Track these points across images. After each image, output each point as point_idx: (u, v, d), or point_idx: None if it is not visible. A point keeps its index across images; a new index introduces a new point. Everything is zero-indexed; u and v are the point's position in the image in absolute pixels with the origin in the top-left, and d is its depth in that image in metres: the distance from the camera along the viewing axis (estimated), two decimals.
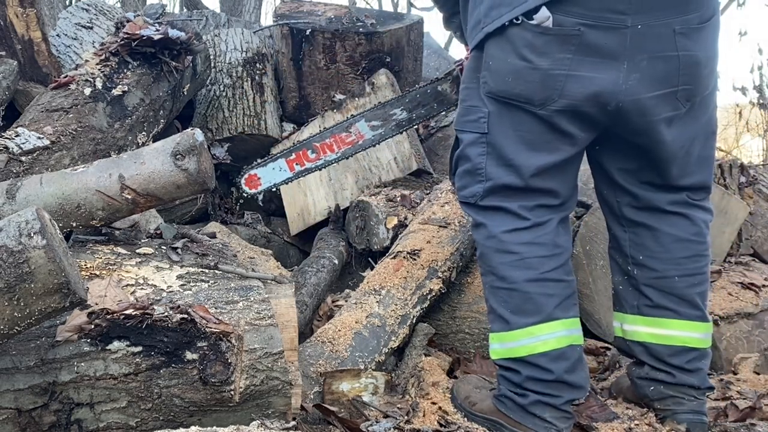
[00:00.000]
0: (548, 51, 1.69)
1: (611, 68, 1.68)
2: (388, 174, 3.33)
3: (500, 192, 1.81)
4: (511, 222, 1.80)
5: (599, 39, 1.67)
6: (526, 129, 1.77)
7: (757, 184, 3.43)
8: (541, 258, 1.78)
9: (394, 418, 1.81)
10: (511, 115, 1.77)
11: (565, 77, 1.69)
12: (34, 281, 1.27)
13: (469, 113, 1.86)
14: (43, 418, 1.46)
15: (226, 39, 4.03)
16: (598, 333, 2.49)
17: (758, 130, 7.63)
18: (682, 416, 1.86)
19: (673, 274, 1.88)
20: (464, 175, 1.87)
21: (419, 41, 3.98)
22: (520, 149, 1.78)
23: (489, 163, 1.81)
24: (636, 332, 1.93)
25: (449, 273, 2.42)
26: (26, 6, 3.18)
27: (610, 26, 1.66)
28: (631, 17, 1.66)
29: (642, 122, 1.75)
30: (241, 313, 1.60)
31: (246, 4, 8.05)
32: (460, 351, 2.42)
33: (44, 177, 1.85)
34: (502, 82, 1.76)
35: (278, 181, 2.70)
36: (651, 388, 1.91)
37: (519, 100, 1.75)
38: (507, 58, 1.74)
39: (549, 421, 1.77)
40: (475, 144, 1.83)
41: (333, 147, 2.66)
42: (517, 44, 1.71)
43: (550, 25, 1.67)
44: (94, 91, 2.76)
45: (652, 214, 1.89)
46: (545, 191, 1.81)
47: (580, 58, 1.68)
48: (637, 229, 1.91)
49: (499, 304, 1.81)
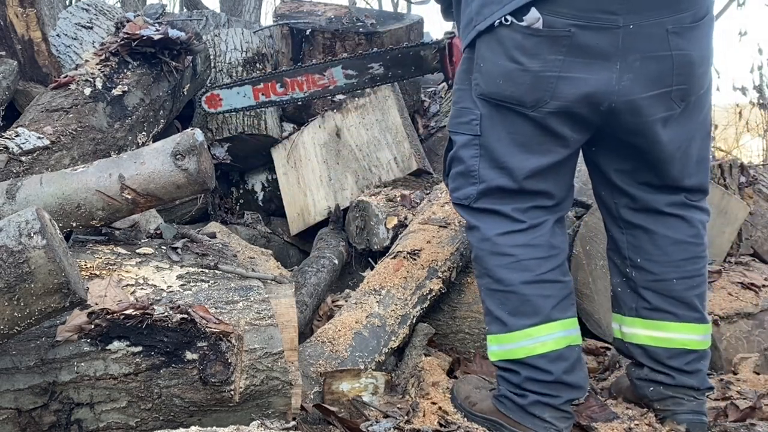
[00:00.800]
0: (539, 53, 1.68)
1: (603, 69, 1.67)
2: (388, 174, 3.33)
3: (494, 194, 1.81)
4: (506, 225, 1.80)
5: (591, 40, 1.66)
6: (518, 131, 1.76)
7: (757, 184, 3.43)
8: (537, 260, 1.78)
9: (394, 418, 1.81)
10: (503, 117, 1.77)
11: (557, 79, 1.68)
12: (34, 281, 1.27)
13: (461, 115, 1.86)
14: (43, 418, 1.46)
15: (226, 39, 4.03)
16: (598, 333, 2.49)
17: (758, 130, 7.63)
18: (682, 416, 1.86)
19: (671, 276, 1.87)
20: (457, 177, 1.87)
21: (419, 41, 3.98)
22: (513, 151, 1.77)
23: (482, 165, 1.81)
24: (635, 335, 1.93)
25: (449, 273, 2.42)
26: (26, 6, 3.18)
27: (601, 26, 1.65)
28: (623, 17, 1.65)
29: (636, 123, 1.74)
30: (241, 313, 1.60)
31: (246, 4, 8.06)
32: (460, 351, 2.42)
33: (44, 177, 1.85)
34: (493, 84, 1.75)
35: (239, 106, 2.63)
36: (650, 388, 1.91)
37: (510, 102, 1.74)
38: (497, 60, 1.73)
39: (548, 421, 1.77)
40: (468, 146, 1.83)
41: (303, 85, 2.61)
42: (508, 46, 1.70)
43: (540, 26, 1.66)
44: (94, 91, 2.76)
45: (650, 216, 1.89)
46: (539, 193, 1.81)
47: (571, 59, 1.67)
48: (635, 232, 1.91)
49: (496, 306, 1.81)
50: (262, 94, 2.60)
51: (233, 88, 2.61)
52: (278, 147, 3.58)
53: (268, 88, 2.60)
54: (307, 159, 3.45)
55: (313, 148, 3.43)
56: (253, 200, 3.79)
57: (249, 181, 3.81)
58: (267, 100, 2.61)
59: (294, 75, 2.59)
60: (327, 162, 3.41)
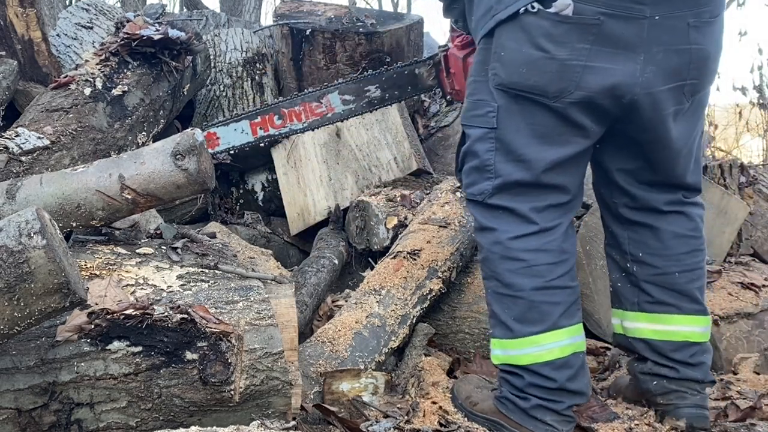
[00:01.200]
0: (567, 40, 1.65)
1: (628, 60, 1.66)
2: (388, 174, 3.33)
3: (510, 189, 1.77)
4: (519, 227, 1.77)
5: (618, 29, 1.64)
6: (538, 122, 1.73)
7: (757, 184, 3.43)
8: (548, 265, 1.76)
9: (394, 418, 1.81)
10: (522, 108, 1.73)
11: (582, 68, 1.66)
12: (34, 281, 1.27)
13: (476, 107, 1.81)
14: (43, 418, 1.46)
15: (226, 39, 4.03)
16: (598, 333, 2.49)
17: (758, 130, 7.63)
18: (684, 411, 1.85)
19: (673, 270, 1.88)
20: (472, 172, 1.83)
21: (419, 41, 3.98)
22: (532, 143, 1.74)
23: (498, 159, 1.77)
24: (637, 329, 1.92)
25: (449, 273, 2.42)
26: (26, 6, 3.18)
27: (629, 16, 1.64)
28: (650, 8, 1.64)
29: (652, 116, 1.73)
30: (241, 313, 1.60)
31: (246, 4, 8.06)
32: (460, 351, 2.42)
33: (44, 177, 1.85)
34: (515, 73, 1.71)
35: (237, 144, 2.59)
36: (654, 383, 1.90)
37: (532, 92, 1.71)
38: (521, 48, 1.69)
39: (550, 424, 1.76)
40: (483, 139, 1.79)
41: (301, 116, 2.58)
42: (533, 33, 1.67)
43: (569, 13, 1.63)
44: (94, 91, 2.76)
45: (650, 214, 1.89)
46: (556, 187, 1.78)
47: (598, 48, 1.65)
48: (636, 228, 1.91)
49: (503, 310, 1.79)
50: (260, 128, 2.57)
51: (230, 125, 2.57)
52: (278, 147, 3.57)
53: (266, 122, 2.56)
54: (307, 159, 3.45)
55: (313, 148, 3.43)
56: (253, 200, 3.79)
57: (249, 181, 3.80)
58: (266, 134, 2.57)
59: (291, 105, 2.56)
60: (327, 162, 3.40)
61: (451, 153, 3.76)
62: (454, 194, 2.76)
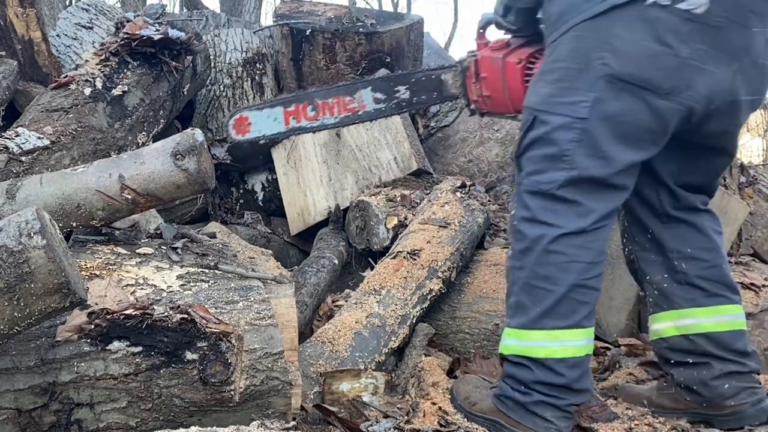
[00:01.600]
0: (690, 39, 1.65)
1: (727, 66, 1.68)
2: (388, 174, 3.33)
3: (582, 184, 1.73)
4: (576, 222, 1.74)
5: (731, 35, 1.66)
6: (629, 120, 1.70)
7: (757, 184, 3.43)
8: (587, 264, 1.75)
9: (394, 418, 1.81)
10: (622, 102, 1.70)
11: (695, 69, 1.67)
12: (34, 281, 1.27)
13: (564, 94, 1.74)
14: (43, 418, 1.46)
15: (226, 39, 4.03)
16: (598, 333, 2.48)
17: (758, 130, 7.64)
18: (757, 408, 1.86)
19: (719, 262, 1.93)
20: (542, 160, 1.76)
21: (419, 41, 3.98)
22: (615, 142, 1.71)
23: (579, 151, 1.72)
24: (698, 324, 1.92)
25: (449, 273, 2.42)
26: (26, 6, 3.18)
27: (742, 24, 1.66)
28: (758, 20, 1.67)
29: (727, 124, 1.78)
30: (241, 313, 1.60)
31: (246, 4, 8.06)
32: (460, 351, 2.42)
33: (44, 177, 1.85)
34: (633, 65, 1.67)
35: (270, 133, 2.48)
36: (726, 385, 1.89)
37: (644, 85, 1.68)
38: (642, 40, 1.66)
39: (549, 420, 1.76)
40: (567, 128, 1.73)
41: (333, 110, 2.50)
42: (659, 28, 1.65)
43: (700, 12, 1.63)
44: (94, 91, 2.76)
45: (691, 212, 1.94)
46: (621, 189, 1.78)
47: (711, 51, 1.66)
48: (679, 224, 1.94)
49: (532, 301, 1.76)
50: (293, 118, 2.48)
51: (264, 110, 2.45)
52: (278, 147, 3.58)
53: (299, 112, 2.46)
54: (307, 159, 3.45)
55: (313, 148, 3.43)
56: (253, 200, 3.79)
57: (249, 181, 3.81)
58: (297, 125, 2.46)
59: (325, 97, 2.48)
60: (327, 162, 3.41)
61: (451, 153, 3.76)
62: (454, 194, 2.76)
